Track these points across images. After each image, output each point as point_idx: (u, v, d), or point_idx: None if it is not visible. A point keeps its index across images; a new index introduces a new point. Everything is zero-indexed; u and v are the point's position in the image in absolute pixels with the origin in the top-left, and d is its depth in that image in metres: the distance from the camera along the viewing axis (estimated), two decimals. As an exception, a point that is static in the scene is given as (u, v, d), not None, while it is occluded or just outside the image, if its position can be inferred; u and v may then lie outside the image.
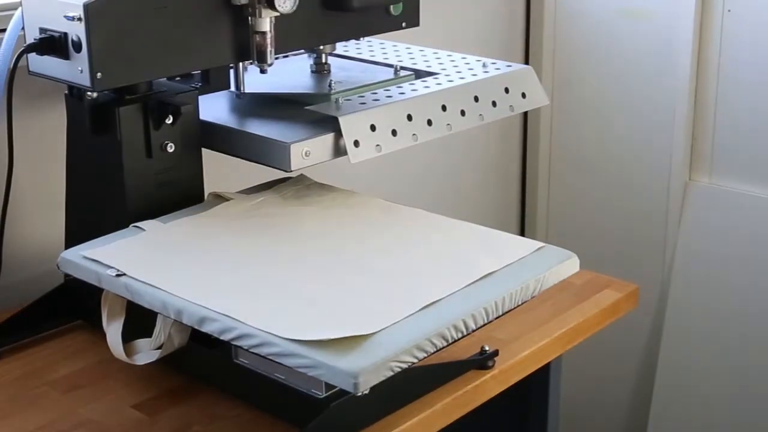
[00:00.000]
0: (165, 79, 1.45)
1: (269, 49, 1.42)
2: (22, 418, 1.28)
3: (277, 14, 1.40)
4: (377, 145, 1.41)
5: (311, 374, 1.11)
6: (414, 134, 1.46)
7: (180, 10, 1.35)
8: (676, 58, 2.34)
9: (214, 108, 1.52)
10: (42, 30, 1.32)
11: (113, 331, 1.31)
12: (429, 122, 1.48)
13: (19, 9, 1.38)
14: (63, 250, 1.35)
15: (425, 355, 1.15)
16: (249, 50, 1.43)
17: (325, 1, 1.49)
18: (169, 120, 1.39)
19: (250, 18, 1.41)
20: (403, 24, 1.61)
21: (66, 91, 1.43)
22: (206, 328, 1.18)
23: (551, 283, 1.31)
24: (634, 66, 2.43)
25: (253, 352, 1.16)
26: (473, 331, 1.22)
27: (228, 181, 1.54)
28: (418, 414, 1.28)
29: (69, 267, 1.32)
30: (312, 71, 1.64)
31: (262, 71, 1.46)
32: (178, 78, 1.50)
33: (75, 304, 1.48)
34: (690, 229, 2.44)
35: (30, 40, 1.34)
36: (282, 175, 1.50)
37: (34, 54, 1.34)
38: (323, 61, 1.64)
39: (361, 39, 1.79)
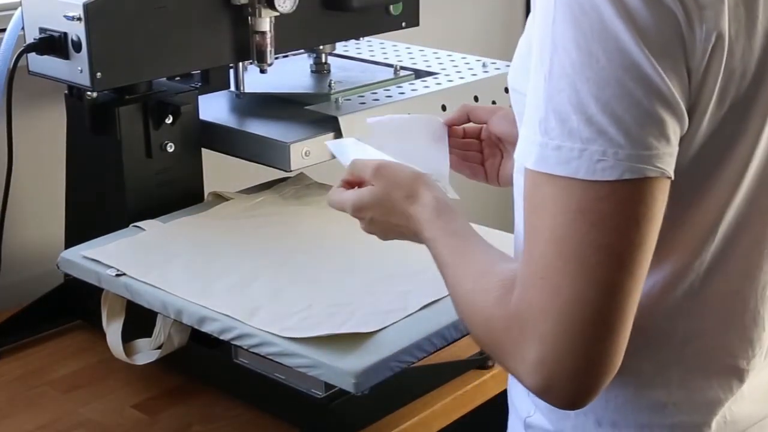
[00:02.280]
0: (165, 79, 1.46)
1: (269, 49, 1.42)
2: (22, 418, 1.28)
3: (277, 14, 1.40)
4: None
5: (311, 374, 1.11)
6: (414, 134, 1.46)
7: (180, 10, 1.35)
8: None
9: (214, 108, 1.52)
10: (42, 30, 1.32)
11: (113, 330, 1.31)
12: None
13: (19, 9, 1.38)
14: (63, 250, 1.35)
15: (425, 355, 1.15)
16: (249, 50, 1.43)
17: (325, 1, 1.49)
18: (169, 120, 1.39)
19: (250, 18, 1.41)
20: (403, 24, 1.60)
21: (66, 91, 1.43)
22: (206, 328, 1.18)
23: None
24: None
25: (253, 352, 1.16)
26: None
27: (228, 181, 1.54)
28: (418, 414, 1.28)
29: (69, 267, 1.32)
30: (312, 71, 1.64)
31: (262, 71, 1.46)
32: (178, 78, 1.50)
33: (75, 304, 1.48)
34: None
35: (30, 39, 1.34)
36: (282, 174, 1.50)
37: (34, 54, 1.34)
38: (323, 61, 1.64)
39: (361, 39, 1.79)
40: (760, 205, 0.87)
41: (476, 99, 1.55)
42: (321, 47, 1.61)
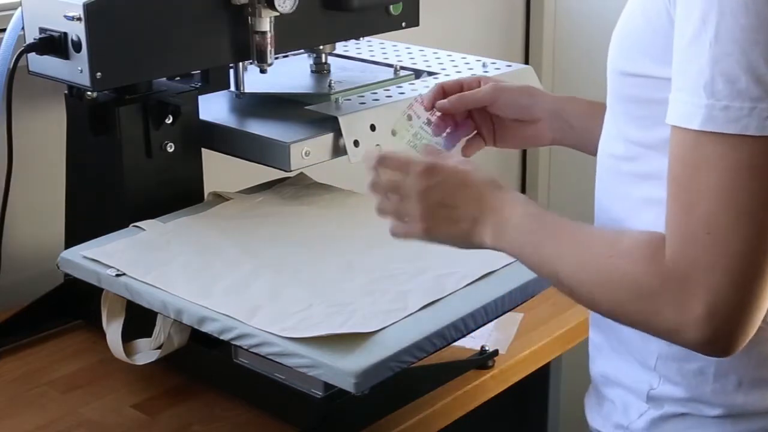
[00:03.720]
0: (165, 79, 1.46)
1: (269, 49, 1.42)
2: (21, 418, 1.28)
3: (277, 14, 1.40)
4: (377, 145, 1.41)
5: (311, 374, 1.11)
6: (414, 134, 1.46)
7: (180, 10, 1.35)
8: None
9: (214, 108, 1.52)
10: (42, 30, 1.32)
11: (113, 330, 1.31)
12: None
13: (19, 9, 1.38)
14: (63, 250, 1.35)
15: (425, 355, 1.15)
16: (249, 50, 1.43)
17: (325, 1, 1.49)
18: (169, 120, 1.39)
19: (250, 18, 1.41)
20: (403, 24, 1.60)
21: (66, 91, 1.43)
22: (206, 328, 1.18)
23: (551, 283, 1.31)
24: (634, 66, 2.42)
25: (252, 352, 1.16)
26: (473, 330, 1.22)
27: (228, 181, 1.54)
28: (418, 414, 1.28)
29: (69, 267, 1.32)
30: (312, 71, 1.64)
31: (262, 71, 1.46)
32: (178, 78, 1.50)
33: (75, 304, 1.48)
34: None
35: (30, 39, 1.34)
36: (282, 174, 1.50)
37: (33, 54, 1.34)
38: (323, 61, 1.64)
39: (361, 39, 1.79)
40: None
41: (476, 99, 1.54)
42: (321, 47, 1.61)
